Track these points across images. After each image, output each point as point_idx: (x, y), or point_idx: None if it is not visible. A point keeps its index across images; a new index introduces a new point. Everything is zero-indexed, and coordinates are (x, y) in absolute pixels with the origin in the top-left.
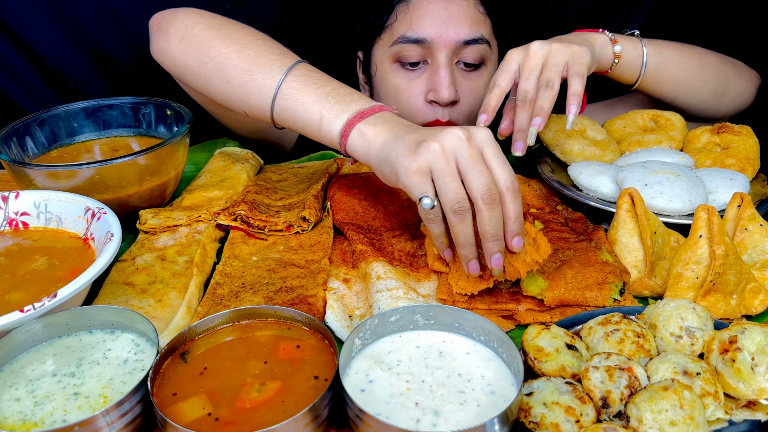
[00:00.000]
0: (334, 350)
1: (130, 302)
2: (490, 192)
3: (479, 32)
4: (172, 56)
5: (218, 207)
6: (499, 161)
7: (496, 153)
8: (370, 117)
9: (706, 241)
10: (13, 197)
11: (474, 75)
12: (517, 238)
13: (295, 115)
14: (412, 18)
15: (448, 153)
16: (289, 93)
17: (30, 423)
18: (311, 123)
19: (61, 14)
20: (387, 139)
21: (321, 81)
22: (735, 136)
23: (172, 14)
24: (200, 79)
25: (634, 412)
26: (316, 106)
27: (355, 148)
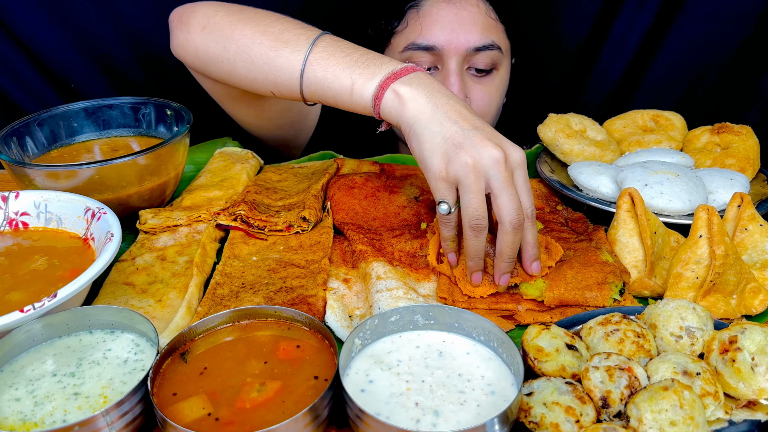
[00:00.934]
0: (334, 350)
1: (130, 302)
2: (519, 218)
3: (490, 38)
4: (194, 47)
5: (218, 207)
6: (526, 188)
7: (525, 179)
8: (404, 77)
9: (706, 241)
10: (13, 197)
11: (485, 80)
12: (535, 264)
13: (325, 85)
14: (423, 25)
15: (480, 170)
16: (318, 63)
17: (30, 423)
18: (342, 90)
19: (61, 14)
20: (425, 109)
21: (348, 49)
22: (735, 136)
23: (191, 7)
24: (224, 66)
25: (634, 412)
26: (346, 72)
27: (389, 110)
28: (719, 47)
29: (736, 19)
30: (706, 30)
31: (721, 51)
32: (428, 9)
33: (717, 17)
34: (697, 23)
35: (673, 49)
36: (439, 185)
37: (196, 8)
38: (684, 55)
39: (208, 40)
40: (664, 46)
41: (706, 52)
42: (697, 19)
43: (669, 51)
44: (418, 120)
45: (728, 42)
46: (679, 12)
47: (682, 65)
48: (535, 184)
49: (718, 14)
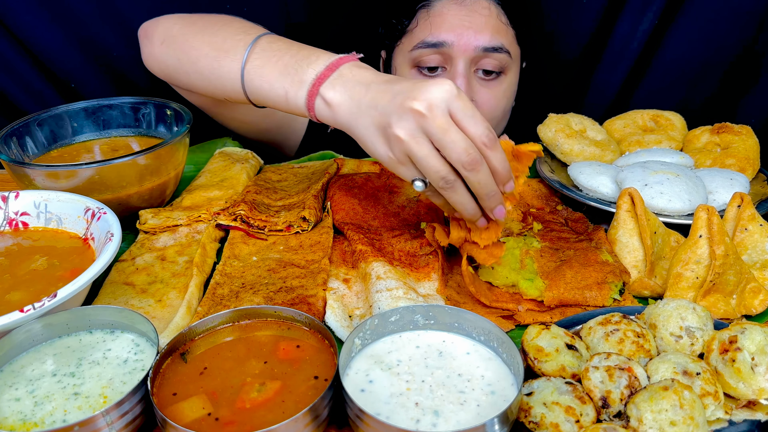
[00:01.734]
0: (334, 350)
1: (130, 302)
2: (469, 158)
3: (500, 41)
4: (156, 61)
5: (218, 207)
6: (469, 117)
7: (463, 108)
8: (328, 81)
9: (706, 241)
10: (13, 197)
11: (493, 83)
12: (509, 184)
13: (263, 93)
14: (432, 24)
15: (417, 135)
16: (254, 72)
17: (30, 423)
18: (279, 99)
19: (61, 14)
20: (350, 108)
21: (281, 51)
22: (735, 136)
23: (155, 21)
24: (182, 78)
25: (634, 412)
26: (279, 82)
27: (324, 117)
28: (719, 47)
29: (737, 19)
30: (706, 30)
31: (722, 51)
32: (439, 9)
33: (717, 17)
34: (698, 23)
35: (674, 49)
36: (399, 170)
37: (158, 22)
38: (684, 55)
39: (167, 54)
40: (664, 46)
41: (707, 53)
42: (697, 19)
43: (669, 51)
44: (350, 122)
45: (728, 42)
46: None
47: (683, 65)
48: (535, 184)
49: (718, 14)
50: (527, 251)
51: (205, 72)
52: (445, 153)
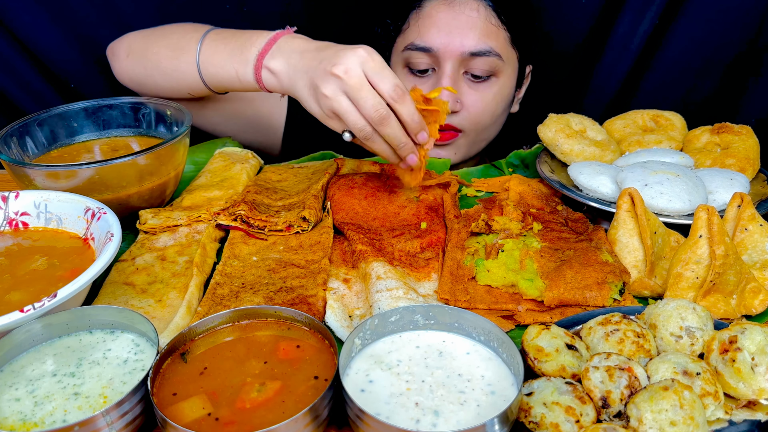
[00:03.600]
0: (334, 350)
1: (130, 302)
2: (377, 114)
3: (488, 44)
4: (126, 73)
5: (218, 207)
6: (378, 75)
7: (373, 68)
8: (269, 54)
9: (706, 241)
10: (13, 197)
11: (482, 86)
12: (421, 134)
13: (218, 78)
14: (421, 26)
15: (338, 95)
16: (207, 61)
17: (30, 423)
18: (232, 80)
19: (61, 14)
20: (288, 73)
21: (226, 39)
22: (735, 136)
23: (119, 40)
24: (150, 83)
25: (634, 412)
26: (229, 64)
27: (272, 86)
28: (720, 47)
29: (737, 19)
30: (706, 30)
31: (722, 51)
32: (428, 11)
33: (717, 17)
34: (698, 23)
35: (674, 49)
36: (329, 123)
37: (122, 39)
38: (684, 55)
39: (133, 64)
40: (664, 46)
41: (707, 52)
42: (697, 19)
43: (669, 51)
44: (291, 86)
45: (728, 42)
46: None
47: (683, 65)
48: (535, 184)
49: (718, 14)
50: (527, 251)
51: (168, 71)
52: (359, 109)
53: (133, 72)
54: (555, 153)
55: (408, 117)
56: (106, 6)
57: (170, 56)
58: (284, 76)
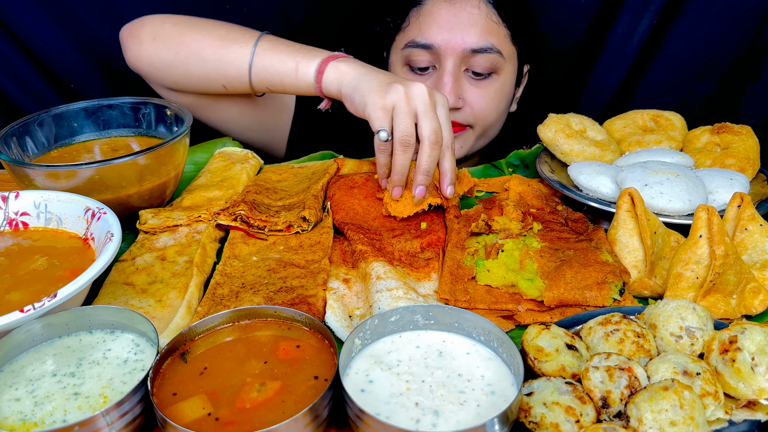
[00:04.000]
0: (334, 350)
1: (130, 302)
2: (436, 136)
3: (489, 41)
4: (147, 57)
5: (218, 207)
6: (447, 123)
7: (447, 117)
8: (341, 58)
9: (706, 241)
10: (13, 197)
11: (484, 83)
12: (450, 188)
13: (272, 70)
14: (422, 24)
15: (410, 98)
16: (264, 53)
17: (30, 423)
18: (288, 71)
19: (61, 14)
20: (360, 72)
21: (288, 42)
22: (735, 136)
23: (139, 22)
24: (178, 69)
25: (634, 412)
26: (290, 57)
27: (330, 82)
28: (720, 47)
29: (737, 19)
30: (706, 30)
31: (722, 51)
32: (429, 8)
33: (717, 17)
34: (698, 23)
35: (674, 49)
36: (377, 114)
37: (143, 22)
38: (684, 55)
39: (161, 48)
40: (664, 46)
41: (707, 52)
42: (697, 19)
43: (669, 51)
44: (355, 77)
45: (728, 42)
46: (679, 12)
47: (683, 65)
48: (535, 184)
49: (718, 14)
50: (527, 251)
51: (210, 58)
52: (421, 123)
53: (158, 57)
54: (555, 153)
55: (449, 167)
56: (106, 6)
57: (217, 45)
58: (350, 75)
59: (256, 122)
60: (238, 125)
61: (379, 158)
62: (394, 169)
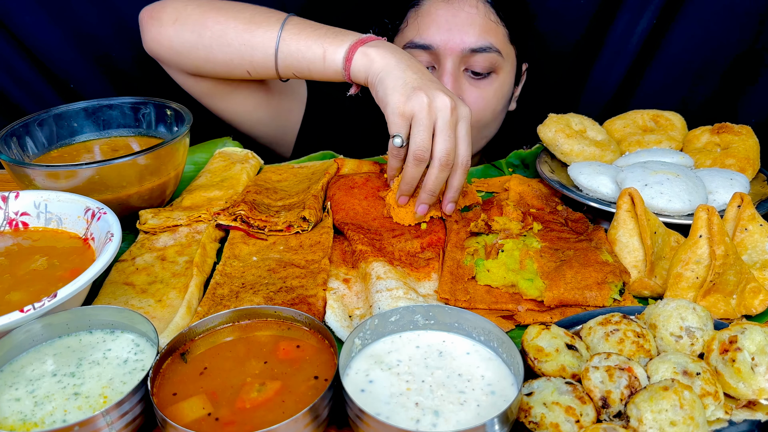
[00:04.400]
0: (334, 350)
1: (130, 302)
2: (448, 158)
3: (488, 41)
4: (168, 40)
5: (218, 207)
6: (466, 140)
7: (467, 132)
8: (371, 42)
9: (706, 241)
10: (13, 197)
11: (483, 83)
12: (451, 205)
13: (299, 55)
14: (420, 24)
15: (432, 110)
16: (291, 38)
17: (30, 423)
18: (315, 58)
19: (61, 15)
20: (390, 61)
21: (316, 25)
22: (735, 136)
23: (160, 4)
24: (200, 52)
25: (634, 412)
26: (317, 43)
27: (358, 68)
28: (719, 47)
29: (736, 19)
30: (706, 30)
31: (722, 51)
32: (427, 9)
33: (717, 17)
34: (697, 23)
35: (673, 49)
36: (396, 120)
37: (165, 4)
38: (684, 55)
39: (183, 30)
40: (664, 46)
41: (707, 52)
42: (696, 19)
43: (669, 51)
44: (384, 68)
45: (728, 42)
46: (679, 12)
47: (683, 65)
48: (535, 184)
49: (718, 14)
50: (527, 252)
51: (234, 42)
52: (436, 140)
53: (179, 39)
54: (555, 153)
55: (458, 185)
56: (106, 6)
57: (242, 28)
58: (380, 62)
59: (269, 116)
60: (251, 118)
61: (391, 161)
62: (404, 179)
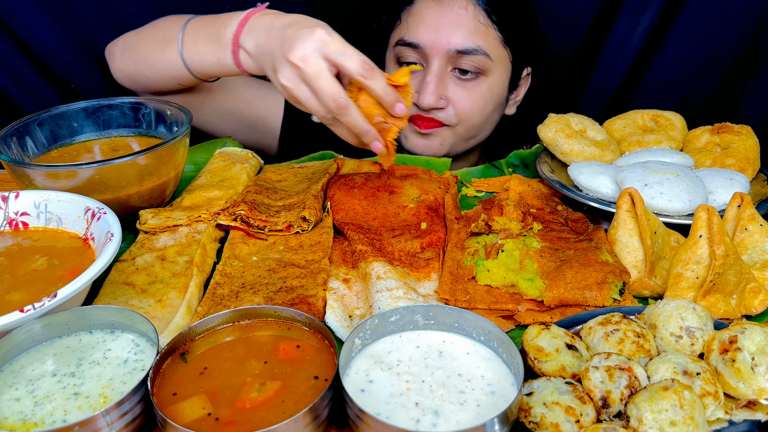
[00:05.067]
0: (334, 350)
1: (130, 302)
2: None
3: (475, 43)
4: (122, 71)
5: (218, 207)
6: (341, 55)
7: (335, 50)
8: (242, 34)
9: (706, 241)
10: (13, 197)
11: (470, 84)
12: (397, 106)
13: (202, 66)
14: (411, 22)
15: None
16: (189, 49)
17: (30, 423)
18: (213, 66)
19: (61, 15)
20: (258, 54)
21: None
22: (735, 136)
23: (116, 39)
24: (141, 79)
25: (634, 412)
26: (209, 51)
27: (249, 68)
28: (720, 47)
29: (736, 19)
30: (706, 30)
31: (722, 51)
32: (418, 7)
33: (717, 18)
34: (698, 24)
35: (674, 49)
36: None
37: (117, 40)
38: (684, 55)
39: (127, 62)
40: (664, 47)
41: (707, 52)
42: (697, 19)
43: (669, 51)
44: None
45: (728, 42)
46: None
47: (683, 65)
48: (535, 184)
49: (718, 15)
50: (527, 252)
51: (157, 65)
52: (318, 98)
53: (126, 70)
54: (555, 153)
55: (381, 91)
56: (106, 6)
57: (157, 49)
58: (255, 57)
59: (244, 124)
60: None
61: (338, 133)
62: (355, 131)
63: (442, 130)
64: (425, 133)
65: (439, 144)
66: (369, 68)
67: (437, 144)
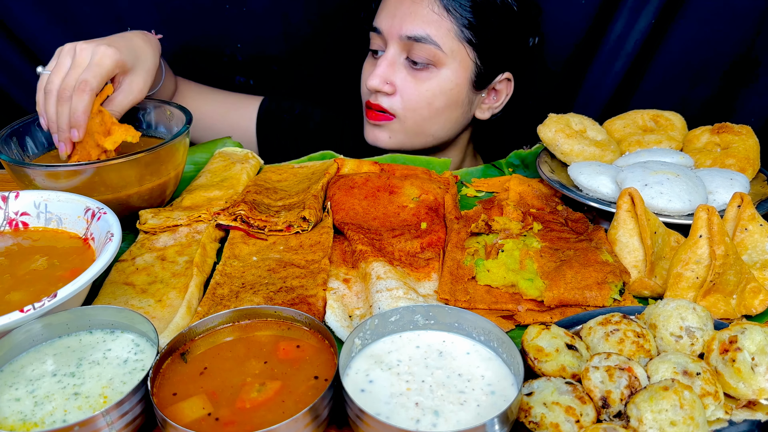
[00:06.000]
0: (334, 350)
1: (130, 302)
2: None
3: (425, 31)
4: None
5: (218, 207)
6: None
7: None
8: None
9: (706, 241)
10: (13, 197)
11: (420, 74)
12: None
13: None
14: (380, 9)
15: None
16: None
17: (30, 423)
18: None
19: (61, 15)
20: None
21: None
22: (735, 136)
23: None
24: None
25: (634, 412)
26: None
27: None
28: (719, 47)
29: (736, 19)
30: (706, 30)
31: (721, 51)
32: None
33: (717, 17)
34: (697, 23)
35: (673, 49)
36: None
37: None
38: (684, 54)
39: None
40: (663, 46)
41: (707, 52)
42: (696, 19)
43: (669, 51)
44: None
45: (728, 42)
46: (679, 12)
47: (682, 65)
48: (535, 184)
49: (717, 14)
50: (527, 252)
51: None
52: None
53: None
54: (555, 153)
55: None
56: (106, 6)
57: None
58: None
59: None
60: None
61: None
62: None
63: (392, 123)
64: (375, 125)
65: (387, 137)
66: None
67: (386, 137)
